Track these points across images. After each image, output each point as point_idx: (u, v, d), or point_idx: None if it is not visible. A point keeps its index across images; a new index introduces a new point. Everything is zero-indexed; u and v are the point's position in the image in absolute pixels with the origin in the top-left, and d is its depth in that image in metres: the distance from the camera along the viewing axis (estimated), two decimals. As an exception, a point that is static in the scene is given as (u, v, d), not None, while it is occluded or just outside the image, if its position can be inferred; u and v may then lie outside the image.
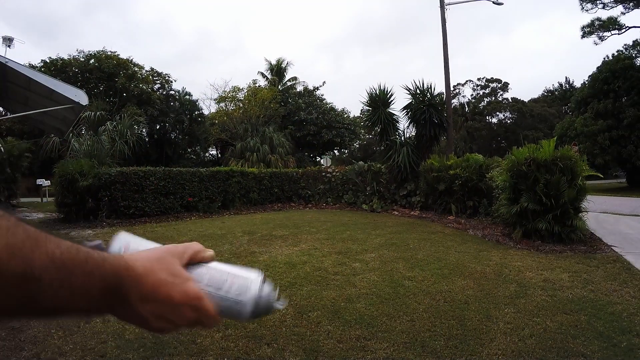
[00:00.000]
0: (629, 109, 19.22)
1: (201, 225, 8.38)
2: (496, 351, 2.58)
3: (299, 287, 3.91)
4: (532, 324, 3.00)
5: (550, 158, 5.94)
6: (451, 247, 5.73)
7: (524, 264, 4.73)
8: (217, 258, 0.57)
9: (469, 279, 4.14)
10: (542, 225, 5.78)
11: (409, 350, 2.62)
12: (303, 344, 2.72)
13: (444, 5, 13.62)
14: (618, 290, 3.73)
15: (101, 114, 12.92)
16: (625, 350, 2.57)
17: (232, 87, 24.58)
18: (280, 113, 24.50)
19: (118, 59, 25.32)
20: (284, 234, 6.89)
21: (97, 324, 3.06)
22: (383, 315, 3.20)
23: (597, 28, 23.19)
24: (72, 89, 7.53)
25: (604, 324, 2.97)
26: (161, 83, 28.42)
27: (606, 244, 5.75)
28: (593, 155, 19.26)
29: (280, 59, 28.21)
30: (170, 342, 2.73)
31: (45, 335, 2.86)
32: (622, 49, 22.30)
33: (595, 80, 20.96)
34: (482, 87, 45.45)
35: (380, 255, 5.23)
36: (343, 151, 38.23)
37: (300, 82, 28.81)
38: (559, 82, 48.92)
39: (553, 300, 3.50)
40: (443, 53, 13.51)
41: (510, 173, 6.29)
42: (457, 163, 9.16)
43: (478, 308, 3.33)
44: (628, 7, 22.22)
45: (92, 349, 2.65)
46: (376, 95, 11.74)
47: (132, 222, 8.80)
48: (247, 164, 18.44)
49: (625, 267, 4.53)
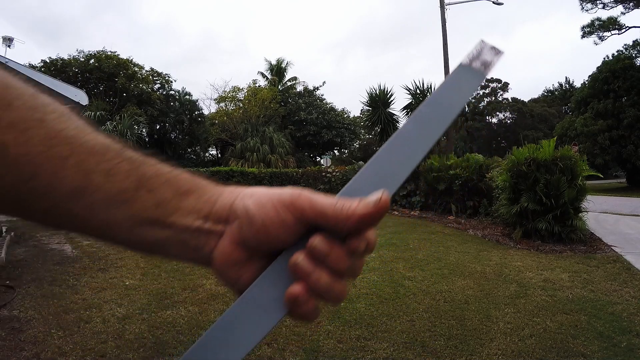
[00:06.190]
0: (629, 109, 19.21)
1: (201, 225, 8.38)
2: (496, 351, 2.58)
3: (299, 287, 3.91)
4: (532, 324, 3.00)
5: (550, 158, 5.94)
6: (451, 247, 5.73)
7: (524, 264, 4.73)
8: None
9: (469, 279, 4.14)
10: (542, 225, 5.78)
11: (409, 350, 2.62)
12: (303, 344, 2.72)
13: (444, 5, 13.62)
14: (618, 290, 3.73)
15: (101, 114, 12.94)
16: (625, 350, 2.57)
17: (232, 87, 24.60)
18: (280, 113, 24.50)
19: (118, 59, 25.31)
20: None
21: (97, 324, 3.06)
22: (383, 315, 3.20)
23: (597, 28, 23.19)
24: (71, 89, 7.54)
25: (604, 324, 2.97)
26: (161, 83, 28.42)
27: (606, 244, 5.75)
28: (593, 155, 19.26)
29: (280, 59, 28.21)
30: (170, 342, 2.74)
31: (45, 335, 2.86)
32: (622, 49, 22.33)
33: (595, 80, 20.96)
34: (482, 87, 45.42)
35: (380, 255, 5.23)
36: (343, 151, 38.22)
37: (300, 82, 28.81)
38: (559, 82, 49.01)
39: (553, 300, 3.50)
40: (443, 53, 13.52)
41: (510, 173, 6.29)
42: (457, 163, 9.16)
43: (478, 308, 3.33)
44: (628, 7, 22.22)
45: (92, 349, 2.65)
46: (376, 95, 11.75)
47: (132, 222, 8.80)
48: (247, 164, 18.45)
49: (625, 267, 4.53)
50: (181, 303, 3.54)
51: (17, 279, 4.27)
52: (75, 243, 6.36)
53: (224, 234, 0.33)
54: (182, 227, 0.33)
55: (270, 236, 0.31)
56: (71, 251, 5.76)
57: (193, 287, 3.97)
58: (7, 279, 4.24)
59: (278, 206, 0.31)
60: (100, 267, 4.79)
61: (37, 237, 7.01)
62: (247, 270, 0.33)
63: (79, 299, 3.64)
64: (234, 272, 0.33)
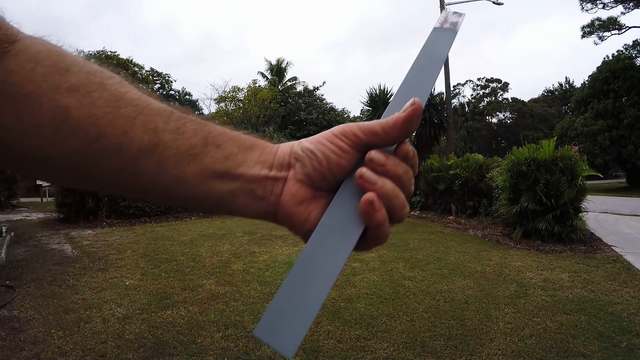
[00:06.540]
0: (629, 109, 19.21)
1: (201, 225, 8.38)
2: (496, 351, 2.58)
3: (299, 287, 3.91)
4: (532, 324, 3.00)
5: (550, 158, 5.94)
6: (451, 247, 5.73)
7: (524, 264, 4.73)
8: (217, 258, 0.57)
9: (469, 279, 4.14)
10: (542, 225, 5.78)
11: (409, 350, 2.62)
12: (303, 344, 2.72)
13: (443, 5, 13.63)
14: (618, 290, 3.73)
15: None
16: (625, 350, 2.57)
17: (232, 87, 24.59)
18: (280, 113, 24.49)
19: (118, 59, 25.32)
20: (284, 234, 6.89)
21: (97, 324, 3.06)
22: (383, 315, 3.20)
23: (597, 28, 23.19)
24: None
25: (604, 324, 2.97)
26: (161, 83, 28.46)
27: (606, 244, 5.75)
28: (593, 155, 19.25)
29: (280, 59, 28.19)
30: (170, 342, 2.74)
31: (45, 335, 2.86)
32: (622, 49, 22.34)
33: (595, 80, 20.95)
34: (482, 87, 45.44)
35: (380, 255, 5.23)
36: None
37: (300, 82, 28.79)
38: (559, 82, 49.00)
39: (553, 300, 3.50)
40: (443, 53, 13.52)
41: (510, 173, 6.29)
42: (457, 163, 9.16)
43: (478, 308, 3.33)
44: (628, 7, 22.22)
45: (92, 349, 2.65)
46: (376, 95, 11.75)
47: (132, 222, 8.80)
48: (247, 164, 18.41)
49: (625, 267, 4.53)
50: (181, 303, 3.54)
51: (17, 279, 4.27)
52: (75, 243, 6.36)
53: (287, 179, 0.35)
54: (251, 177, 0.35)
55: (332, 165, 0.34)
56: (71, 251, 5.76)
57: (193, 287, 3.97)
58: (7, 279, 4.24)
59: (332, 138, 0.34)
60: (100, 267, 4.79)
61: (37, 237, 7.02)
62: (315, 207, 0.35)
63: (79, 299, 3.64)
64: (303, 211, 0.35)
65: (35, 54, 0.30)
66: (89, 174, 0.33)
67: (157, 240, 6.47)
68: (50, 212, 10.72)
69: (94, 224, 8.59)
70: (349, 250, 0.32)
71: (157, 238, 6.72)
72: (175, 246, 5.99)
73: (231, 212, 0.36)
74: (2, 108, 0.29)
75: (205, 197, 0.35)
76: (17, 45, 0.30)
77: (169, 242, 6.36)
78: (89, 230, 7.82)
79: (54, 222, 9.05)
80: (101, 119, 0.31)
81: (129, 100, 0.32)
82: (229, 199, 0.35)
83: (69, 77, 0.31)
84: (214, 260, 5.02)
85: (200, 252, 5.55)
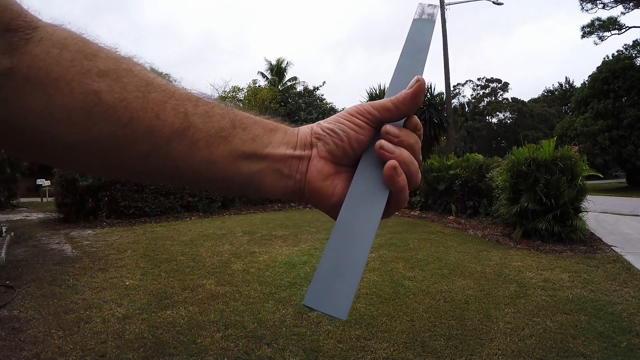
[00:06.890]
0: (629, 109, 19.20)
1: (201, 225, 8.38)
2: (496, 351, 2.58)
3: (299, 287, 3.91)
4: (532, 324, 3.00)
5: (550, 158, 5.94)
6: (451, 247, 5.73)
7: (524, 264, 4.73)
8: (217, 258, 0.57)
9: (469, 279, 4.14)
10: (542, 225, 5.78)
11: (409, 350, 2.62)
12: (303, 344, 2.72)
13: (443, 5, 13.63)
14: (618, 290, 3.73)
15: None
16: (625, 350, 2.57)
17: (232, 87, 24.59)
18: (280, 113, 24.48)
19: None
20: (284, 234, 6.89)
21: (97, 324, 3.06)
22: (383, 315, 3.20)
23: (597, 28, 23.18)
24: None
25: (604, 324, 2.97)
26: (161, 83, 28.42)
27: (606, 244, 5.75)
28: (593, 155, 19.24)
29: (280, 58, 28.18)
30: (170, 342, 2.74)
31: (45, 335, 2.86)
32: (622, 49, 22.32)
33: (595, 80, 20.95)
34: (482, 87, 45.45)
35: (380, 255, 5.23)
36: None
37: (300, 82, 28.79)
38: (559, 82, 48.99)
39: (553, 300, 3.50)
40: (443, 53, 13.52)
41: (510, 173, 6.29)
42: (457, 163, 9.16)
43: (478, 308, 3.33)
44: (628, 7, 22.22)
45: (92, 349, 2.65)
46: (376, 95, 11.76)
47: (132, 222, 8.80)
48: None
49: (625, 267, 4.53)
50: (181, 303, 3.54)
51: (17, 279, 4.27)
52: (75, 243, 6.36)
53: (311, 157, 0.38)
54: (277, 156, 0.37)
55: (352, 141, 0.37)
56: (71, 251, 5.76)
57: (193, 287, 3.97)
58: (7, 279, 4.24)
59: (349, 117, 0.38)
60: (100, 267, 4.79)
61: (37, 237, 7.02)
62: (339, 181, 0.38)
63: (79, 299, 3.64)
64: (329, 185, 0.37)
65: (61, 39, 0.31)
66: (117, 160, 0.33)
67: (157, 240, 6.47)
68: (50, 212, 10.72)
69: (94, 224, 8.59)
70: (379, 213, 0.35)
71: (157, 238, 6.72)
72: (175, 246, 5.99)
73: (258, 192, 0.38)
74: (30, 93, 0.29)
75: (234, 177, 0.36)
76: (39, 32, 0.30)
77: (169, 242, 6.36)
78: (89, 230, 7.82)
79: (54, 222, 9.05)
80: (132, 103, 0.31)
81: (158, 86, 0.33)
82: (256, 179, 0.37)
83: (97, 63, 0.31)
84: (214, 260, 5.02)
85: (200, 252, 5.55)
